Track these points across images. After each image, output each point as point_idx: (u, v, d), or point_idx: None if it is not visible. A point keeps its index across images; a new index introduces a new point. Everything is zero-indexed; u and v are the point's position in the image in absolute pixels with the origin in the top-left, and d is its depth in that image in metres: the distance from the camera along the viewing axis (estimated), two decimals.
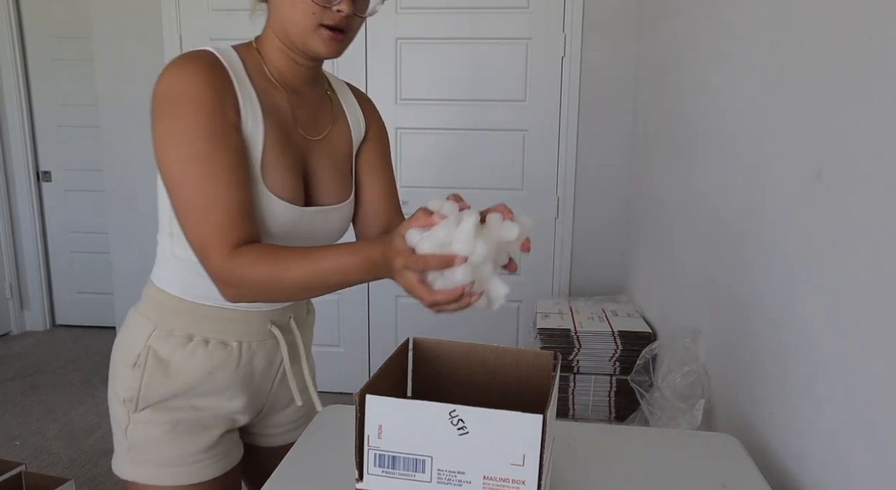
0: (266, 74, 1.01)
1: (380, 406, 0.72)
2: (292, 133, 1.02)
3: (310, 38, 0.95)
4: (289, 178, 0.99)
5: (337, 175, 1.09)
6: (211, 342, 1.04)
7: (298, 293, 0.91)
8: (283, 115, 1.01)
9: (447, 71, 2.79)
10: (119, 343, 1.08)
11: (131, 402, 1.03)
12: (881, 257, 0.87)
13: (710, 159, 1.66)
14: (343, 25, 0.94)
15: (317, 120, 1.07)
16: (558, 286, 2.88)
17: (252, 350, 1.08)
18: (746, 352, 1.35)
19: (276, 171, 0.97)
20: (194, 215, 0.89)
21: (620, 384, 2.11)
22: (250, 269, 0.88)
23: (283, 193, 0.98)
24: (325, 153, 1.07)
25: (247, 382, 1.09)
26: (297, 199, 1.00)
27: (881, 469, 0.86)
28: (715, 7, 1.68)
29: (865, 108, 0.92)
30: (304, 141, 1.04)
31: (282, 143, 0.99)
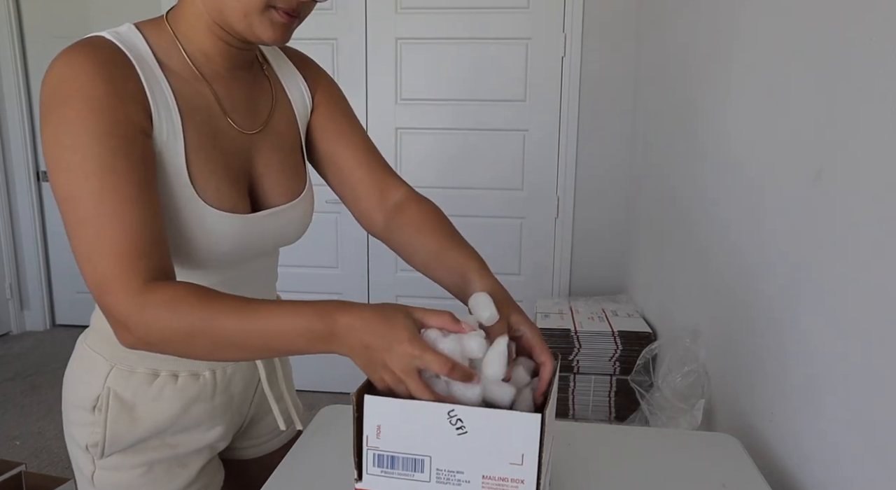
0: (183, 59, 0.83)
1: (378, 406, 0.72)
2: (224, 130, 0.86)
3: (256, 22, 0.78)
4: (226, 183, 0.84)
5: (286, 168, 0.94)
6: (180, 376, 0.91)
7: (226, 350, 0.72)
8: (209, 109, 0.84)
9: (447, 71, 2.79)
10: (70, 381, 0.93)
11: (96, 448, 0.90)
12: (881, 257, 0.86)
13: (710, 159, 1.66)
14: (298, 10, 0.80)
15: (254, 108, 0.91)
16: (558, 286, 2.88)
17: (227, 376, 0.96)
18: (746, 352, 1.35)
19: (208, 179, 0.82)
20: (88, 239, 0.70)
21: (620, 384, 2.11)
22: (168, 312, 0.69)
23: (221, 203, 0.83)
24: (270, 146, 0.92)
25: (225, 409, 0.98)
26: (240, 206, 0.86)
27: (881, 469, 0.86)
28: (715, 7, 1.68)
29: (865, 108, 0.92)
30: (240, 137, 0.88)
31: (210, 143, 0.83)
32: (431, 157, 2.86)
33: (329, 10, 2.77)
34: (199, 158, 0.81)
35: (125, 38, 0.79)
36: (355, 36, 2.80)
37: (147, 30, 0.82)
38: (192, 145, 0.81)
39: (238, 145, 0.87)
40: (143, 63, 0.78)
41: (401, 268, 2.96)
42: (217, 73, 0.86)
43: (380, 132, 2.85)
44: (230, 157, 0.86)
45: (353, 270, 2.97)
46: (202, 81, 0.84)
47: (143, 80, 0.77)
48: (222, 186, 0.83)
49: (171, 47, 0.82)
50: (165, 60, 0.81)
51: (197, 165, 0.81)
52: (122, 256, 0.70)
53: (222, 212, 0.83)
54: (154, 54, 0.80)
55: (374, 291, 2.99)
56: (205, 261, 0.85)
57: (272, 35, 0.79)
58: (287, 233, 0.95)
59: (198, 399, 0.93)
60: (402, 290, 2.97)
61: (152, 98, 0.77)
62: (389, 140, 2.85)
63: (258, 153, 0.90)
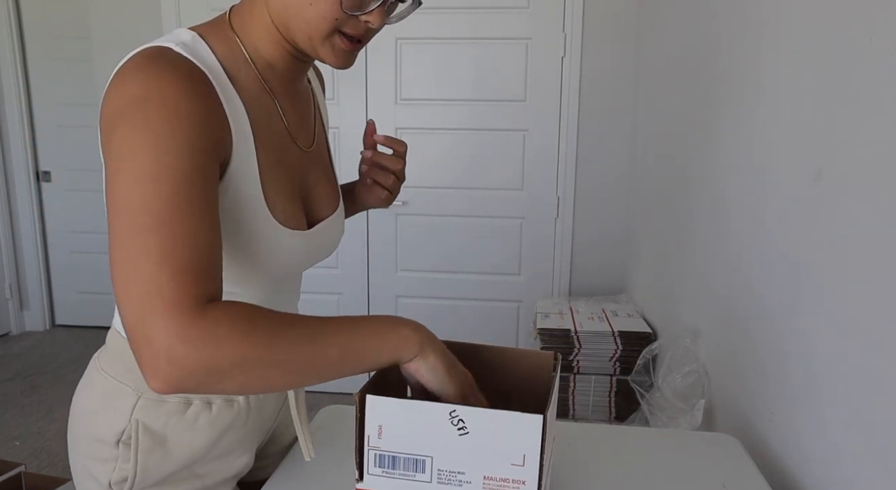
0: (252, 72, 0.79)
1: (380, 406, 0.72)
2: (288, 147, 0.84)
3: (320, 46, 0.76)
4: (290, 201, 0.83)
5: (330, 179, 0.95)
6: (215, 404, 0.86)
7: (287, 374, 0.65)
8: (276, 126, 0.82)
9: (447, 71, 2.79)
10: (86, 413, 0.86)
11: (123, 484, 0.84)
12: (881, 257, 0.87)
13: (709, 159, 1.66)
14: (363, 36, 0.78)
15: (307, 123, 0.90)
16: (558, 286, 2.88)
17: (260, 401, 0.93)
18: (746, 352, 1.35)
19: (276, 198, 0.80)
20: (148, 249, 0.61)
21: (621, 384, 2.11)
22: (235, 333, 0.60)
23: (288, 221, 0.81)
24: (318, 161, 0.92)
25: (256, 434, 0.95)
26: (301, 223, 0.85)
27: (881, 469, 0.86)
28: (715, 7, 1.68)
29: (865, 108, 0.92)
30: (299, 154, 0.86)
31: (277, 161, 0.81)
32: (431, 157, 2.86)
33: None
34: (270, 177, 0.79)
35: (194, 51, 0.73)
36: None
37: (212, 39, 0.76)
38: (263, 164, 0.78)
39: (298, 162, 0.86)
40: (217, 78, 0.73)
41: (401, 268, 2.96)
42: (282, 86, 0.83)
43: (380, 132, 2.84)
44: (293, 174, 0.85)
45: (353, 270, 2.97)
46: (269, 96, 0.81)
47: (221, 99, 0.72)
48: (287, 205, 0.82)
49: (238, 59, 0.78)
50: (234, 73, 0.76)
51: (269, 185, 0.78)
52: (186, 274, 0.61)
53: (290, 230, 0.81)
54: (223, 68, 0.75)
55: (374, 291, 2.99)
56: (260, 279, 0.83)
57: (335, 61, 0.78)
58: (333, 243, 0.94)
59: (232, 426, 0.89)
60: (402, 290, 2.97)
61: (231, 116, 0.73)
62: None
63: (310, 168, 0.90)
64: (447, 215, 2.88)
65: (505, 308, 2.93)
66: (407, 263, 2.95)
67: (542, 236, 2.86)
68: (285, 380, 0.65)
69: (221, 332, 0.60)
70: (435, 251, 2.92)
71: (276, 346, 0.62)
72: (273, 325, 0.63)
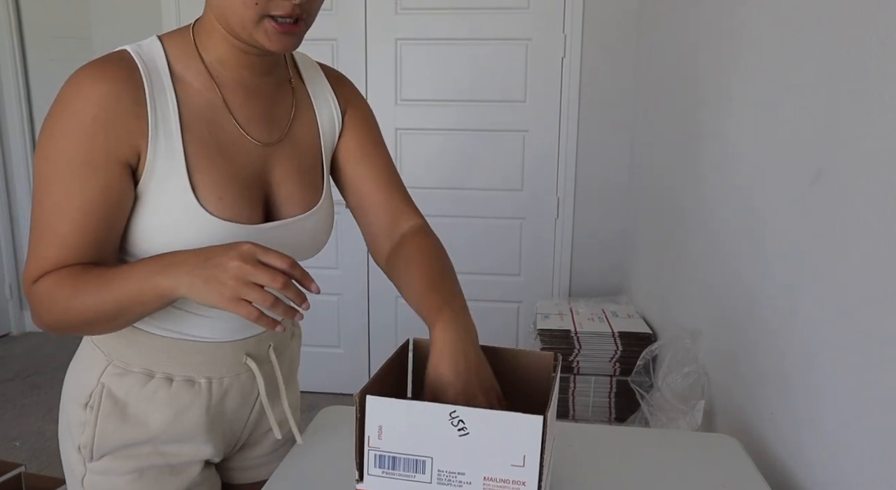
0: (201, 68, 0.85)
1: (380, 407, 0.72)
2: (234, 140, 0.86)
3: (255, 31, 0.79)
4: (231, 193, 0.84)
5: (304, 179, 0.93)
6: (175, 380, 0.90)
7: (94, 325, 0.80)
8: (218, 119, 0.85)
9: (447, 71, 2.79)
10: (70, 376, 0.94)
11: (87, 449, 0.89)
12: (881, 257, 0.87)
13: (710, 159, 1.66)
14: (296, 14, 0.78)
15: (272, 118, 0.91)
16: (558, 287, 2.88)
17: (224, 387, 0.94)
18: (746, 352, 1.35)
19: (211, 188, 0.83)
20: (32, 238, 0.80)
21: (621, 385, 2.11)
22: (48, 295, 0.78)
23: (223, 212, 0.83)
24: (288, 157, 0.92)
25: (218, 424, 0.95)
26: (246, 216, 0.85)
27: (881, 469, 0.86)
28: (715, 7, 1.68)
29: (865, 108, 0.92)
30: (254, 147, 0.88)
31: (216, 153, 0.84)
32: (431, 157, 2.86)
33: (329, 10, 2.77)
34: (202, 167, 0.83)
35: (146, 51, 0.83)
36: (355, 36, 2.80)
37: (169, 41, 0.85)
38: (194, 155, 0.82)
39: (252, 156, 0.88)
40: (156, 76, 0.82)
41: None
42: (235, 81, 0.87)
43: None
44: (240, 168, 0.86)
45: (353, 270, 2.97)
46: (215, 91, 0.86)
47: (146, 95, 0.80)
48: (226, 196, 0.84)
49: (189, 57, 0.85)
50: (181, 71, 0.84)
51: (199, 174, 0.82)
52: (43, 260, 0.79)
53: (223, 221, 0.83)
54: (170, 66, 0.84)
55: (374, 291, 2.99)
56: None
57: (272, 44, 0.80)
58: (300, 246, 0.93)
59: (191, 407, 0.91)
60: None
61: (153, 112, 0.80)
62: (389, 140, 2.85)
63: (275, 164, 0.90)
64: (447, 216, 2.88)
65: (505, 308, 2.93)
66: None
67: (542, 236, 2.86)
68: (100, 326, 0.81)
69: (41, 302, 0.79)
70: None
71: (73, 308, 0.78)
72: (74, 287, 0.77)
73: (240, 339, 0.93)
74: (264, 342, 0.97)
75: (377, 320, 3.02)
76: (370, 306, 3.01)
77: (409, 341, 0.92)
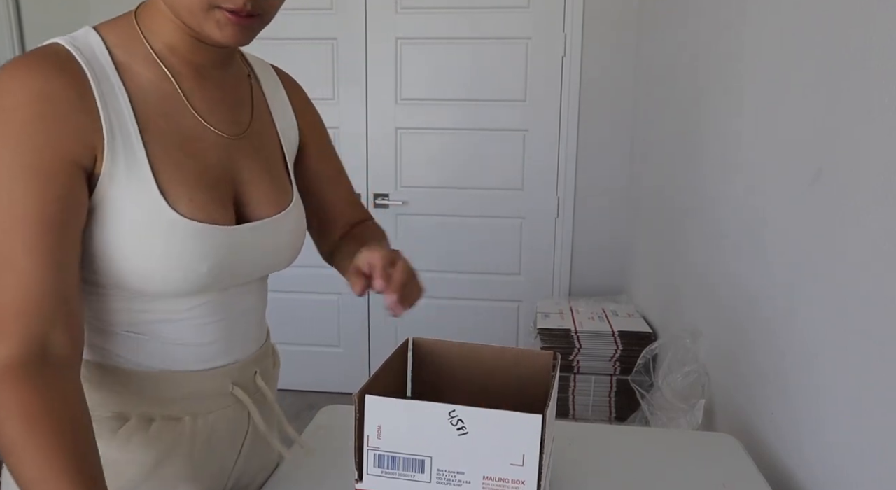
0: (149, 56, 0.75)
1: (379, 406, 0.72)
2: (197, 133, 0.77)
3: (204, 22, 0.71)
4: (201, 192, 0.74)
5: (273, 178, 0.85)
6: (155, 421, 0.78)
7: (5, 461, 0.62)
8: (176, 110, 0.76)
9: (447, 71, 2.79)
10: None
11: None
12: (881, 257, 0.86)
13: (710, 159, 1.66)
14: (247, 10, 0.70)
15: (232, 110, 0.82)
16: (558, 286, 2.88)
17: (209, 424, 0.82)
18: (746, 352, 1.35)
19: (179, 187, 0.73)
20: None
21: (621, 384, 2.11)
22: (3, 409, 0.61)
23: (195, 213, 0.73)
24: (254, 152, 0.83)
25: (204, 468, 0.82)
26: (219, 217, 0.76)
27: (881, 469, 0.86)
28: (715, 7, 1.68)
29: (865, 108, 0.92)
30: (219, 141, 0.79)
31: (179, 148, 0.75)
32: (431, 157, 2.85)
33: (329, 10, 2.77)
34: (168, 166, 0.73)
35: (81, 43, 0.72)
36: (355, 36, 2.80)
37: (107, 30, 0.75)
38: (156, 152, 0.72)
39: (217, 150, 0.78)
40: (99, 69, 0.71)
41: None
42: (187, 69, 0.77)
43: (380, 132, 2.85)
44: (207, 163, 0.77)
45: None
46: (168, 80, 0.76)
47: (93, 88, 0.69)
48: (196, 195, 0.74)
49: (134, 44, 0.75)
50: (127, 61, 0.74)
51: (165, 174, 0.72)
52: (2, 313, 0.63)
53: (197, 223, 0.73)
54: (112, 57, 0.73)
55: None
56: (184, 286, 0.75)
57: (222, 36, 0.71)
58: (276, 251, 0.85)
59: (174, 451, 0.79)
60: None
61: (103, 107, 0.69)
62: (389, 140, 2.85)
63: (242, 160, 0.81)
64: (447, 215, 2.88)
65: (505, 308, 2.93)
66: None
67: (542, 236, 2.86)
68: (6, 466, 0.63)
69: None
70: (435, 251, 2.92)
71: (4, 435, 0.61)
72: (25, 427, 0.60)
73: (224, 364, 0.82)
74: (250, 368, 0.86)
75: (377, 320, 3.02)
76: (370, 306, 3.01)
77: (408, 341, 0.92)
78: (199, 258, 0.73)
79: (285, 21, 2.82)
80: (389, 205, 2.87)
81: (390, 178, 2.85)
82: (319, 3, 2.74)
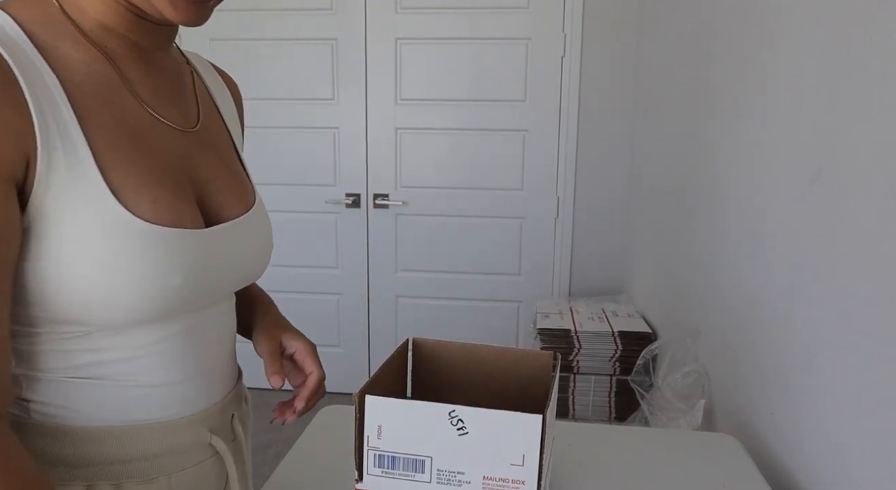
0: (75, 36, 0.62)
1: (379, 406, 0.72)
2: (146, 124, 0.65)
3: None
4: (164, 191, 0.63)
5: (233, 174, 0.75)
6: (124, 486, 0.65)
7: None
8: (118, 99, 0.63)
9: (447, 71, 2.79)
10: None
11: None
12: (881, 257, 0.86)
13: (710, 159, 1.66)
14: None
15: (180, 99, 0.71)
16: (558, 286, 2.88)
17: (184, 484, 0.69)
18: (746, 352, 1.35)
19: (138, 188, 0.60)
20: None
21: (620, 384, 2.11)
22: None
23: (160, 217, 0.61)
24: (209, 147, 0.73)
25: None
26: (188, 219, 0.64)
27: (881, 469, 0.86)
28: (715, 7, 1.68)
29: (865, 108, 0.92)
30: (172, 134, 0.68)
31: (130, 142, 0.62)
32: (431, 157, 2.86)
33: (329, 10, 2.77)
34: (118, 163, 0.60)
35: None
36: (355, 36, 2.80)
37: (16, 8, 0.60)
38: (102, 148, 0.59)
39: (172, 145, 0.67)
40: (16, 49, 0.57)
41: (401, 268, 2.96)
42: (127, 52, 0.65)
43: (380, 132, 2.85)
44: (163, 160, 0.65)
45: (353, 270, 2.97)
46: (106, 63, 0.63)
47: (16, 74, 0.55)
48: (161, 196, 0.62)
49: (56, 24, 0.61)
50: (50, 42, 0.60)
51: (116, 172, 0.59)
52: None
53: (165, 228, 0.61)
54: (32, 41, 0.59)
55: (374, 291, 2.99)
56: (155, 306, 0.62)
57: (177, 15, 0.61)
58: (250, 255, 0.74)
59: None
60: (402, 290, 2.97)
61: (33, 98, 0.56)
62: (389, 140, 2.85)
63: (198, 156, 0.70)
64: (447, 215, 2.88)
65: (505, 308, 2.93)
66: (407, 263, 2.95)
67: (542, 236, 2.86)
68: None
69: None
70: (435, 251, 2.92)
71: None
72: None
73: (199, 410, 0.70)
74: (227, 411, 0.75)
75: (377, 320, 3.02)
76: (370, 306, 3.01)
77: (408, 341, 0.92)
78: (171, 270, 0.61)
79: (285, 21, 2.83)
80: (389, 205, 2.87)
81: (390, 178, 2.86)
82: (319, 3, 2.75)
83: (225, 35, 2.78)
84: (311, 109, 2.83)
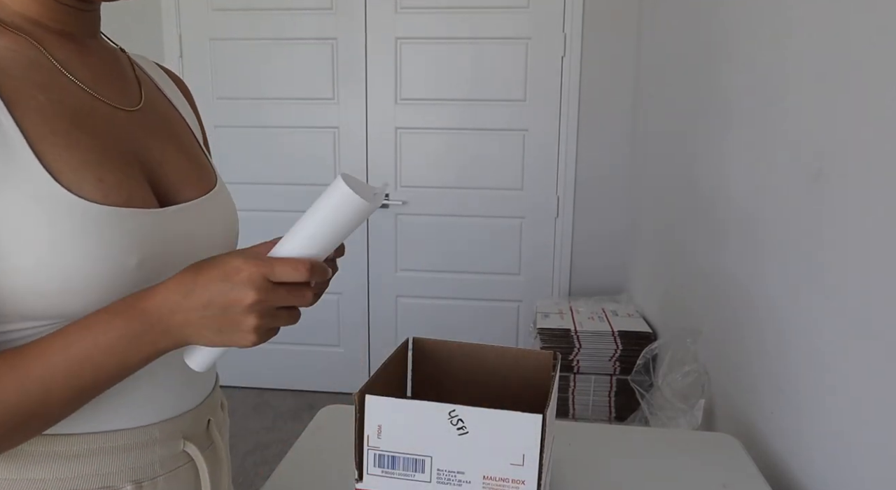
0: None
1: (379, 406, 0.72)
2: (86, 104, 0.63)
3: None
4: (110, 171, 0.60)
5: (188, 156, 0.73)
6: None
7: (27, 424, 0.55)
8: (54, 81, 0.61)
9: (447, 71, 2.79)
10: None
11: None
12: (881, 257, 0.86)
13: (710, 159, 1.66)
14: None
15: (120, 83, 0.69)
16: (558, 286, 2.88)
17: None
18: (746, 352, 1.35)
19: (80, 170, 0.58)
20: None
21: (620, 384, 2.11)
22: None
23: (108, 197, 0.59)
24: (158, 127, 0.71)
25: None
26: (139, 199, 0.62)
27: (881, 469, 0.86)
28: (714, 6, 1.68)
29: (865, 108, 0.92)
30: (114, 113, 0.66)
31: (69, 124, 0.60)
32: (431, 156, 2.86)
33: (329, 10, 2.77)
34: (56, 146, 0.58)
35: None
36: (355, 36, 2.80)
37: None
38: (37, 132, 0.57)
39: (115, 125, 0.65)
40: None
41: (401, 268, 2.96)
42: (55, 39, 0.64)
43: (380, 132, 2.85)
44: (108, 139, 0.63)
45: (353, 270, 2.97)
46: (34, 47, 0.61)
47: None
48: (107, 176, 0.59)
49: None
50: None
51: (54, 154, 0.57)
52: None
53: (116, 208, 0.59)
54: None
55: (374, 291, 2.99)
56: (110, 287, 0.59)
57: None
58: (210, 241, 0.70)
59: None
60: (402, 290, 2.97)
61: None
62: (389, 140, 2.85)
63: (147, 137, 0.68)
64: (447, 215, 2.88)
65: (505, 308, 2.93)
66: (407, 263, 2.95)
67: (542, 236, 2.86)
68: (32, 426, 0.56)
69: None
70: (435, 251, 2.92)
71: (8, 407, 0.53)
72: None
73: (172, 416, 0.67)
74: (202, 416, 0.72)
75: (377, 319, 3.02)
76: (370, 305, 3.01)
77: (409, 341, 0.92)
78: (126, 249, 0.59)
79: (285, 21, 2.83)
80: (389, 205, 2.87)
81: (390, 178, 2.86)
82: (319, 3, 2.75)
83: (225, 35, 2.78)
84: (311, 109, 2.83)
